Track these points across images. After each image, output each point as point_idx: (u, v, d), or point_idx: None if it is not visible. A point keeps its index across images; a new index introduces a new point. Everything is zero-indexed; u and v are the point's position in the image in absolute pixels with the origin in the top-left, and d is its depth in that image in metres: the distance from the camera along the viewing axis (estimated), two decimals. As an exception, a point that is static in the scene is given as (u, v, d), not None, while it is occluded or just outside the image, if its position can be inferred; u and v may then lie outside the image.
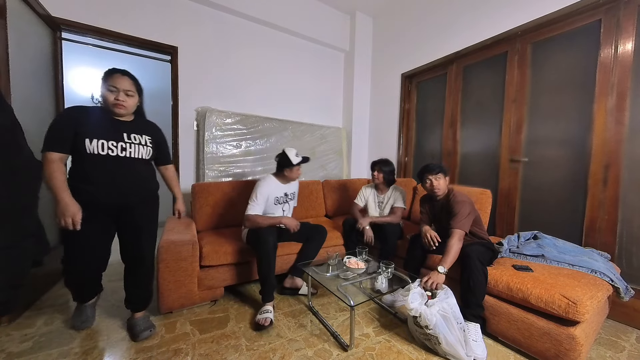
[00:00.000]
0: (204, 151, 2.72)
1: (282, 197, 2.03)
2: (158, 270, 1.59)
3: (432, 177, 1.74)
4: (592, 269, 1.47)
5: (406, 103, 3.29)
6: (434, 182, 1.74)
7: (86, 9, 2.32)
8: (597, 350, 1.46)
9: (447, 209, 1.72)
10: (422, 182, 1.83)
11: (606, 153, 1.80)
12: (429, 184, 1.77)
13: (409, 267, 1.83)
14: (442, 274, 1.49)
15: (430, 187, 1.78)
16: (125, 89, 1.32)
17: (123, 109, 1.33)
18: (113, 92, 1.30)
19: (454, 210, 1.65)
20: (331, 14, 3.55)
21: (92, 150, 1.26)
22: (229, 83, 3.01)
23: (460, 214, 1.61)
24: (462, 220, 1.59)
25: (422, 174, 1.81)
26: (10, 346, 1.37)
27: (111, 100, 1.30)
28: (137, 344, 1.41)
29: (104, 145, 1.28)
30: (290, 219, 1.93)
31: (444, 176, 1.75)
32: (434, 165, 1.77)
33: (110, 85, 1.29)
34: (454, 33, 2.69)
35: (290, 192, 2.10)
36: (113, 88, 1.29)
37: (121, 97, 1.31)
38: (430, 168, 1.76)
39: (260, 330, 1.55)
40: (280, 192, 2.01)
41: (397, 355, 1.38)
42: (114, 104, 1.30)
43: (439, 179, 1.74)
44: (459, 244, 1.54)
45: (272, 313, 1.65)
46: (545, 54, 2.12)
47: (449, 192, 1.77)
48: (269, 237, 1.74)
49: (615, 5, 1.77)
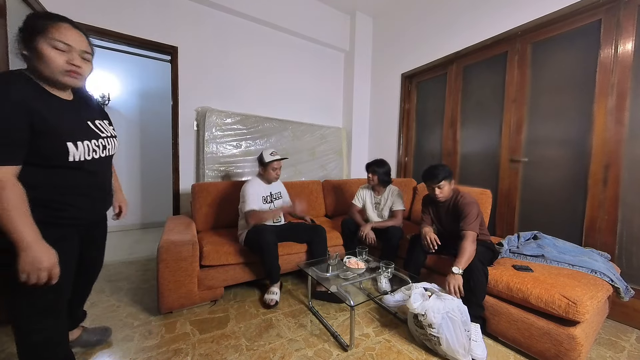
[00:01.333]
0: (204, 151, 2.72)
1: (269, 196, 2.08)
2: (158, 270, 1.59)
3: (435, 186, 1.68)
4: (592, 269, 1.47)
5: (406, 103, 3.29)
6: (436, 190, 1.69)
7: (86, 9, 2.32)
8: (597, 350, 1.46)
9: (455, 211, 1.69)
10: (425, 186, 1.78)
11: (606, 153, 1.80)
12: (431, 192, 1.73)
13: (409, 267, 1.83)
14: (458, 274, 1.46)
15: (433, 194, 1.72)
16: (83, 50, 0.90)
17: (79, 81, 0.92)
18: (64, 52, 0.85)
19: (464, 211, 1.62)
20: (331, 14, 3.55)
21: (77, 157, 0.89)
22: (229, 83, 3.01)
23: (471, 215, 1.58)
24: (473, 222, 1.57)
25: (425, 180, 1.74)
26: (10, 346, 1.36)
27: (60, 65, 0.85)
28: (137, 344, 1.41)
29: (89, 148, 0.93)
30: (289, 206, 2.09)
31: (448, 182, 1.69)
32: (436, 172, 1.67)
33: (58, 40, 0.84)
34: (454, 33, 2.69)
35: (275, 192, 2.15)
36: (63, 45, 0.85)
37: (77, 62, 0.88)
38: (433, 176, 1.68)
39: (268, 308, 1.77)
40: (266, 192, 2.07)
41: (397, 355, 1.38)
42: (67, 71, 0.86)
43: (442, 187, 1.68)
44: (472, 246, 1.51)
45: (277, 295, 1.84)
46: (545, 54, 2.12)
47: (456, 194, 1.73)
48: (269, 236, 1.77)
49: (615, 5, 1.77)
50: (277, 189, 2.19)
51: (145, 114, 3.75)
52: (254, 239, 1.81)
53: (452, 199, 1.74)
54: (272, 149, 2.11)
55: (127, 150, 3.69)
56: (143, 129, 3.76)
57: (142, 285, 2.07)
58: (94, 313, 1.68)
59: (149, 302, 1.82)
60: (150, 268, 2.39)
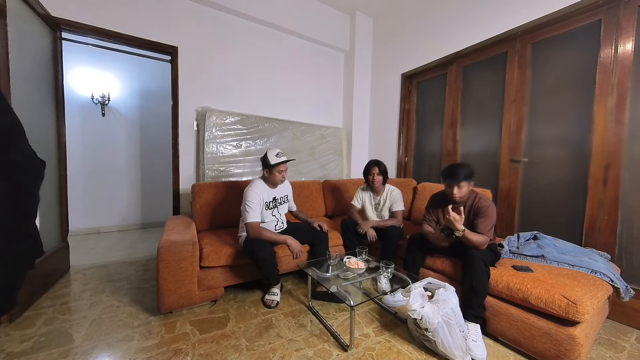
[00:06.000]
0: (204, 151, 2.72)
1: (271, 202, 1.97)
2: (158, 270, 1.59)
3: (454, 185, 1.60)
4: (592, 269, 1.47)
5: (406, 103, 3.29)
6: (454, 189, 1.61)
7: (86, 9, 2.32)
8: (597, 350, 1.46)
9: (471, 213, 1.65)
10: (443, 182, 1.71)
11: (606, 153, 1.80)
12: (448, 190, 1.66)
13: (409, 267, 1.83)
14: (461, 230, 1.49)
15: (450, 193, 1.64)
16: None
17: None
18: None
19: (481, 214, 1.59)
20: (331, 14, 3.55)
21: None
22: (229, 83, 3.01)
23: (489, 219, 1.57)
24: (490, 229, 1.56)
25: (444, 178, 1.67)
26: (10, 346, 1.37)
27: None
28: (137, 344, 1.41)
29: None
30: (295, 242, 1.86)
31: (468, 183, 1.61)
32: (458, 171, 1.59)
33: None
34: (454, 33, 2.69)
35: (280, 196, 2.03)
36: None
37: None
38: (454, 175, 1.60)
39: (269, 308, 1.77)
40: (269, 197, 1.95)
41: (397, 355, 1.38)
42: None
43: (461, 187, 1.60)
44: (481, 240, 1.51)
45: (278, 295, 1.83)
46: (545, 54, 2.12)
47: (474, 196, 1.68)
48: (265, 251, 1.73)
49: (615, 5, 1.77)
50: (283, 193, 2.06)
51: (145, 114, 3.75)
52: (250, 249, 1.75)
53: (469, 200, 1.68)
54: (277, 149, 1.94)
55: (127, 150, 3.69)
56: (143, 129, 3.76)
57: (142, 285, 2.07)
58: (94, 313, 1.68)
59: (149, 302, 1.82)
60: (150, 268, 2.39)
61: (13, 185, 1.13)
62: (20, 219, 1.18)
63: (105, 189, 3.58)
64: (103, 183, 3.56)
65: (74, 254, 2.48)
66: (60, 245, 2.19)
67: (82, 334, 1.48)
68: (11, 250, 1.13)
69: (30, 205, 1.25)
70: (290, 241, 1.84)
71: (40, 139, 1.90)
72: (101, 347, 1.39)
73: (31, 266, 1.29)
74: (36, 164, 1.26)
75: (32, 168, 1.25)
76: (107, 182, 3.59)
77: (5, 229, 1.10)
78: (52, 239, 2.10)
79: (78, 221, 3.33)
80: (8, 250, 1.11)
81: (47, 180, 1.75)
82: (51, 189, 2.07)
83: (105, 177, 3.57)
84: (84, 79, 3.35)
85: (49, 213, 2.03)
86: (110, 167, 3.60)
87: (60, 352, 1.34)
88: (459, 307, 1.37)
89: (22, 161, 1.21)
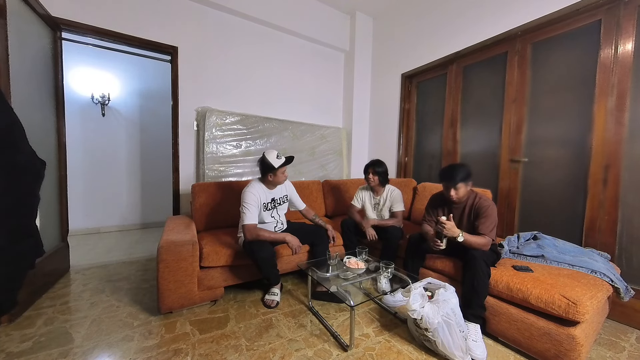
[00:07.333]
0: (204, 151, 2.72)
1: (270, 203, 1.97)
2: (158, 270, 1.59)
3: (452, 188, 1.61)
4: (592, 269, 1.47)
5: (406, 103, 3.29)
6: (452, 192, 1.62)
7: (86, 9, 2.32)
8: (597, 350, 1.46)
9: (472, 214, 1.65)
10: (441, 184, 1.72)
11: (606, 153, 1.80)
12: (446, 192, 1.67)
13: (409, 267, 1.83)
14: (458, 235, 1.49)
15: (448, 194, 1.66)
16: None
17: None
18: None
19: (482, 214, 1.59)
20: (331, 14, 3.55)
21: None
22: (229, 83, 3.01)
23: (491, 220, 1.56)
24: (492, 229, 1.55)
25: (441, 180, 1.69)
26: (10, 346, 1.37)
27: None
28: (137, 344, 1.41)
29: None
30: (293, 238, 1.87)
31: (465, 184, 1.61)
32: (454, 173, 1.60)
33: None
34: (454, 33, 2.69)
35: (279, 196, 2.03)
36: None
37: None
38: (450, 177, 1.61)
39: (269, 308, 1.78)
40: (267, 199, 1.94)
41: (397, 355, 1.38)
42: None
43: (458, 188, 1.60)
44: (483, 242, 1.52)
45: (278, 295, 1.85)
46: (546, 54, 2.12)
47: (473, 196, 1.68)
48: (265, 251, 1.73)
49: (615, 5, 1.77)
50: (282, 193, 2.05)
51: (145, 114, 3.75)
52: (251, 250, 1.75)
53: (469, 200, 1.68)
54: (275, 150, 1.92)
55: (127, 150, 3.69)
56: (143, 129, 3.76)
57: (142, 285, 2.07)
58: (94, 313, 1.68)
59: (149, 302, 1.82)
60: (150, 268, 2.39)
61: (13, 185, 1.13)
62: (21, 218, 1.18)
63: (105, 189, 3.57)
64: (103, 183, 3.56)
65: (74, 254, 2.48)
66: (60, 245, 2.19)
67: (82, 334, 1.48)
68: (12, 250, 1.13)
69: (31, 205, 1.25)
70: (288, 237, 1.87)
71: (40, 139, 1.89)
72: (101, 347, 1.39)
73: (31, 266, 1.29)
74: (36, 164, 1.26)
75: (33, 168, 1.25)
76: (107, 182, 3.58)
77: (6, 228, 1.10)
78: (52, 239, 2.10)
79: (78, 221, 3.33)
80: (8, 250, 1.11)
81: (47, 180, 1.74)
82: (51, 189, 2.07)
83: (105, 177, 3.57)
84: (84, 79, 3.35)
85: (49, 213, 2.03)
86: (110, 167, 3.60)
87: (60, 352, 1.34)
88: (459, 307, 1.37)
89: (23, 161, 1.21)
